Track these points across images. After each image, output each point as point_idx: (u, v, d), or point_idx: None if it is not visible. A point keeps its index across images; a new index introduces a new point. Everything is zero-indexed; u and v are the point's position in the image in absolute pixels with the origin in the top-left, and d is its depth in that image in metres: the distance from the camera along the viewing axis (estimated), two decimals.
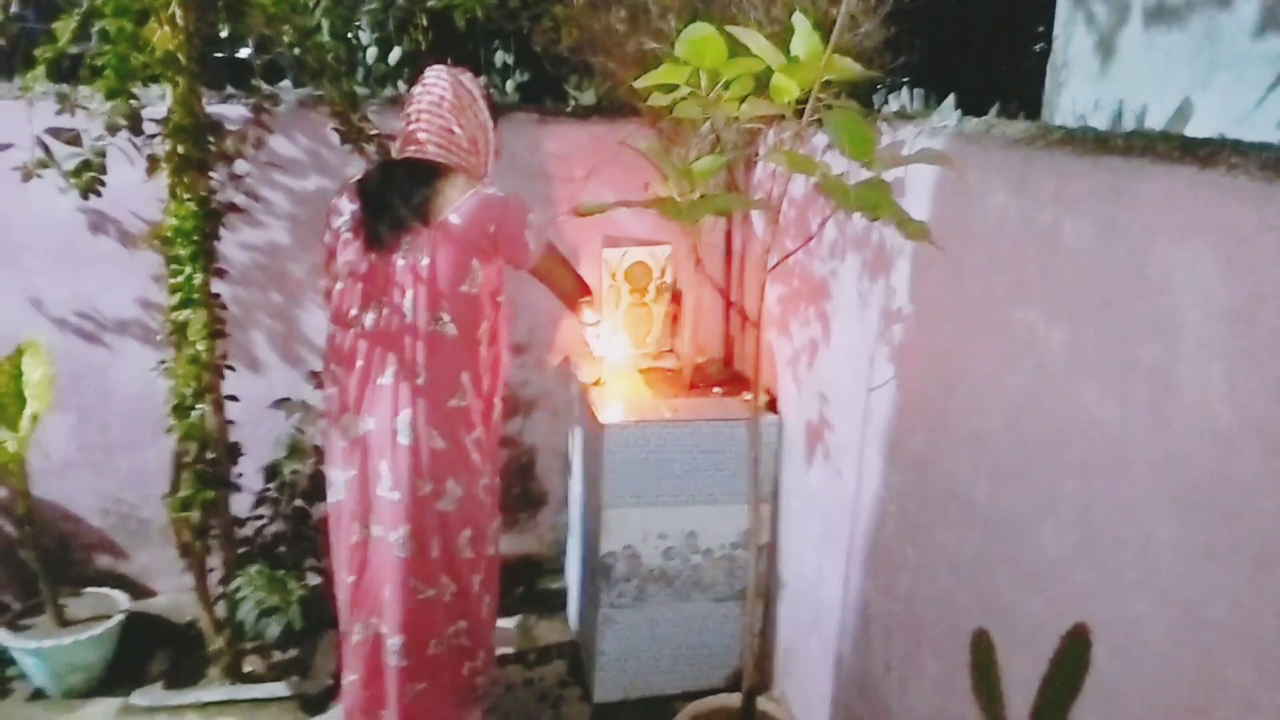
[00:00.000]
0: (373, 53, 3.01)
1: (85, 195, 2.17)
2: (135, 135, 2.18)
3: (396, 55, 2.99)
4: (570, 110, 2.87)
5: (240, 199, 2.50)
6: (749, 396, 2.59)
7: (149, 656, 2.70)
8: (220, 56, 3.05)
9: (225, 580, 2.50)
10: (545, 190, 2.84)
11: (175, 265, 2.24)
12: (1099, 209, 1.30)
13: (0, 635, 2.50)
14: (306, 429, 2.69)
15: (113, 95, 2.06)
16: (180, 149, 2.18)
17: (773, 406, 2.58)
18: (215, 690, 2.54)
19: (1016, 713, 1.35)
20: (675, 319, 2.98)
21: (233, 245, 2.66)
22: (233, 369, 2.43)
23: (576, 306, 2.33)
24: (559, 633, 2.95)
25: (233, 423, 2.44)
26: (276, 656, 2.68)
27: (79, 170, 2.15)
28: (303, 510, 2.68)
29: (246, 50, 2.90)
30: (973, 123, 1.66)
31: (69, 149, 2.16)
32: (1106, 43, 2.39)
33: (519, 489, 3.14)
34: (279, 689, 2.56)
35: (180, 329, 2.26)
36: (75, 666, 2.54)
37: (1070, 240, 1.35)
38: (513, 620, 2.97)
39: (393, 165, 2.08)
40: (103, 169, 2.17)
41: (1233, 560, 1.10)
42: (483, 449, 2.12)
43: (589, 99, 2.89)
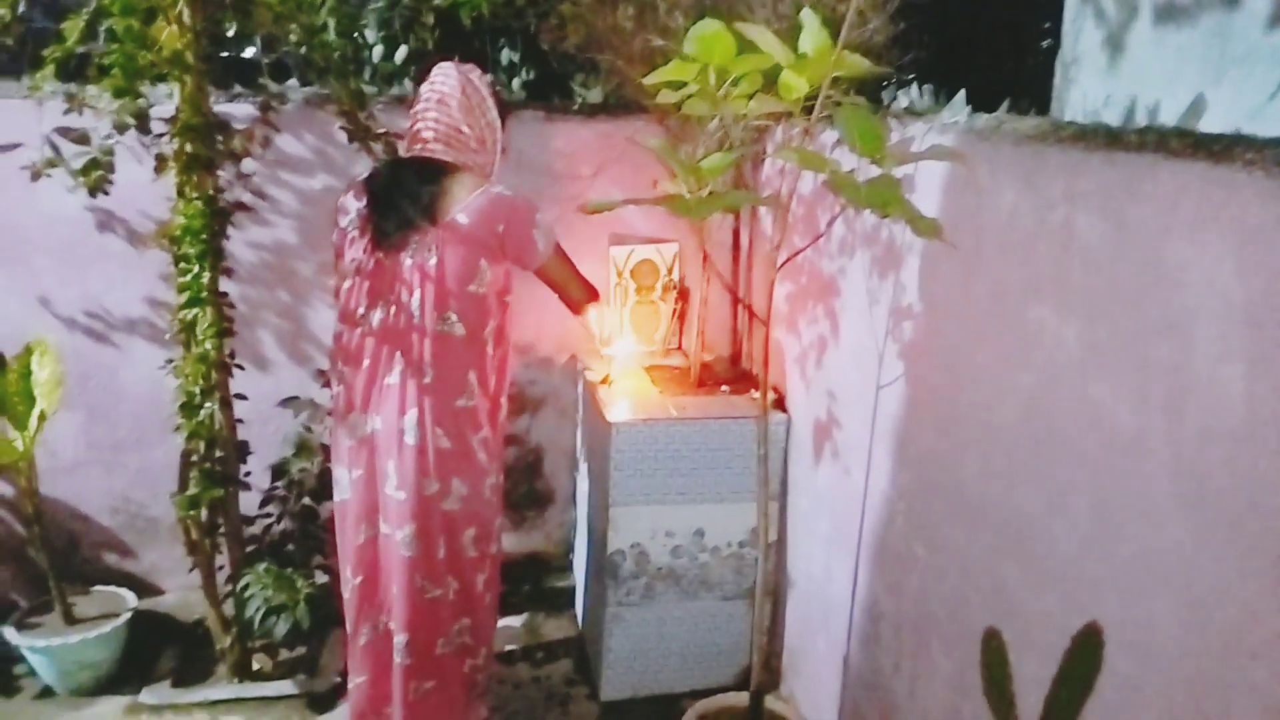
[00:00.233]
0: (379, 51, 3.01)
1: (93, 194, 2.17)
2: (143, 134, 2.19)
3: (403, 54, 2.99)
4: (577, 108, 2.86)
5: (248, 198, 2.51)
6: (757, 394, 2.58)
7: (157, 655, 2.70)
8: (227, 56, 3.05)
9: (233, 578, 2.50)
10: (552, 188, 2.83)
11: (183, 264, 2.24)
12: (1112, 205, 1.29)
13: (9, 633, 2.51)
14: (314, 427, 2.69)
15: (120, 94, 2.06)
16: (188, 148, 2.18)
17: (780, 404, 2.57)
18: (223, 688, 2.55)
19: (1028, 712, 1.35)
20: (682, 317, 2.98)
21: (240, 244, 2.67)
22: (241, 367, 2.44)
23: (581, 310, 2.29)
24: (566, 631, 2.94)
25: (241, 421, 2.45)
26: (284, 654, 2.68)
27: (87, 169, 2.15)
28: (310, 509, 2.68)
29: (253, 50, 2.90)
30: (983, 119, 1.65)
31: (77, 148, 2.16)
32: (1116, 38, 2.38)
33: (526, 487, 3.14)
34: (286, 687, 2.56)
35: (188, 328, 2.26)
36: (83, 665, 2.54)
37: (1082, 237, 1.34)
38: (520, 618, 2.97)
39: (400, 164, 2.08)
40: (111, 168, 2.18)
41: (1248, 560, 1.09)
42: (489, 448, 2.12)
43: (596, 97, 2.89)
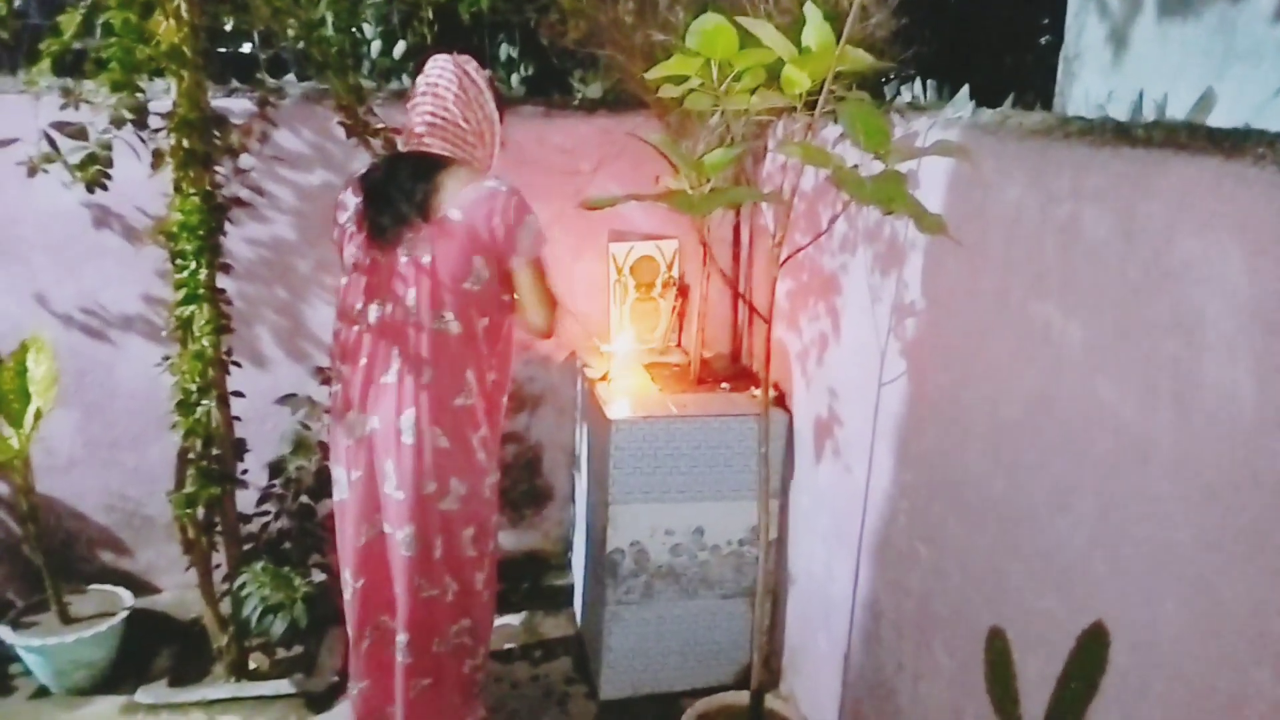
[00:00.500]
0: (377, 46, 3.00)
1: (91, 189, 2.15)
2: (140, 129, 2.17)
3: (401, 49, 2.98)
4: (577, 103, 2.84)
5: (245, 193, 2.49)
6: (757, 392, 2.57)
7: (153, 654, 2.69)
8: (224, 51, 3.03)
9: (230, 577, 2.48)
10: (552, 184, 2.81)
11: (180, 260, 2.22)
12: (1119, 201, 1.27)
13: (4, 633, 2.50)
14: (312, 425, 2.68)
15: (118, 88, 2.04)
16: (185, 143, 2.17)
17: (781, 402, 2.56)
18: (220, 688, 2.54)
19: (1032, 712, 1.34)
20: (682, 314, 2.97)
21: (238, 240, 2.65)
22: (238, 364, 2.42)
23: (534, 331, 2.09)
24: (565, 629, 2.93)
25: (238, 419, 2.43)
26: (281, 653, 2.67)
27: (84, 164, 2.13)
28: (308, 507, 2.67)
29: (250, 45, 2.89)
30: (988, 114, 1.64)
31: (74, 143, 2.14)
32: (1119, 33, 2.37)
33: (525, 485, 3.13)
34: (284, 686, 2.55)
35: (185, 324, 2.25)
36: (79, 664, 2.53)
37: (1089, 233, 1.33)
38: (518, 616, 2.96)
39: (395, 160, 2.05)
40: (108, 162, 2.16)
41: (1257, 559, 1.08)
42: (488, 447, 2.10)
43: (595, 92, 2.87)
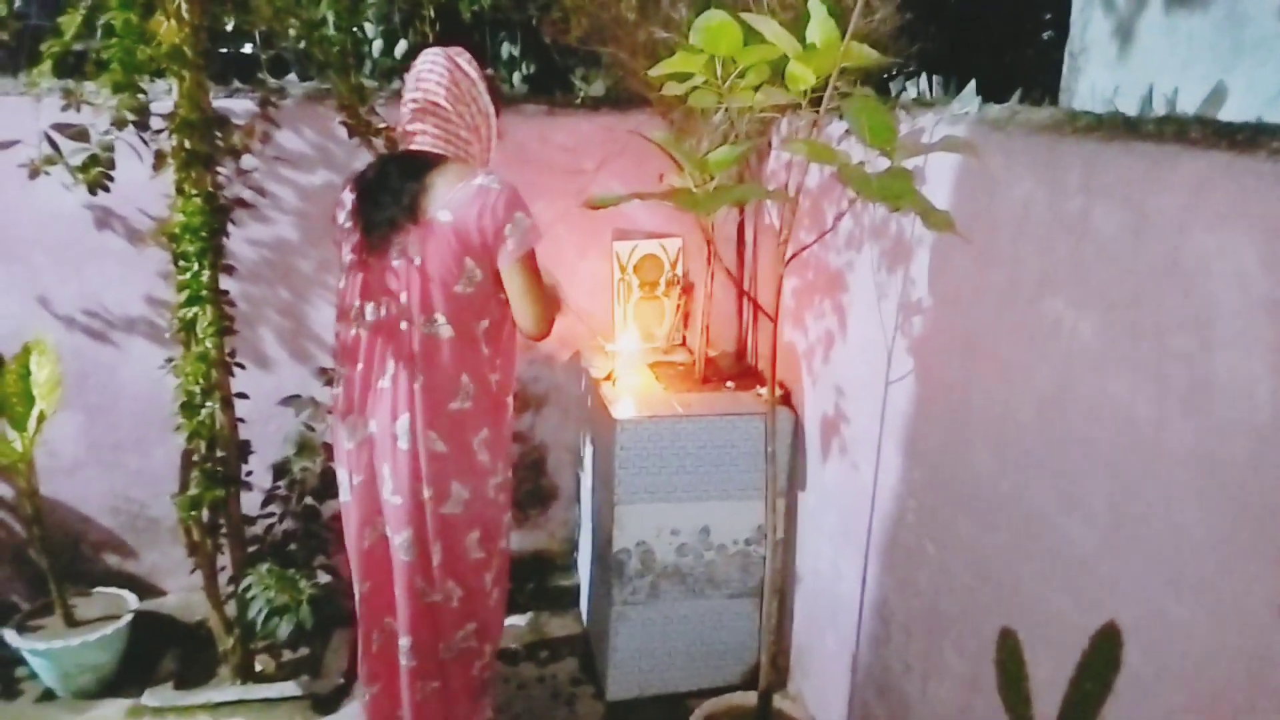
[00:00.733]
0: (378, 46, 2.98)
1: (93, 191, 2.15)
2: (142, 130, 2.16)
3: (403, 48, 2.96)
4: (579, 101, 2.83)
5: (248, 194, 2.48)
6: (762, 391, 2.56)
7: (159, 656, 2.68)
8: (226, 52, 3.02)
9: (235, 579, 2.48)
10: (555, 183, 2.80)
11: (183, 262, 2.21)
12: (1130, 196, 1.26)
13: (9, 636, 2.49)
14: (316, 426, 2.67)
15: (119, 89, 2.03)
16: (187, 144, 2.16)
17: (787, 400, 2.54)
18: (226, 690, 2.53)
19: (1044, 713, 1.32)
20: (686, 312, 2.95)
21: (240, 241, 2.64)
22: (242, 366, 2.41)
23: (529, 333, 2.01)
24: (571, 629, 2.92)
25: (242, 420, 2.42)
26: (287, 656, 2.66)
27: (86, 166, 2.12)
28: (313, 508, 2.66)
29: (251, 46, 2.88)
30: (996, 109, 1.62)
31: (75, 145, 2.14)
32: (1125, 27, 2.35)
33: (530, 485, 3.12)
34: (290, 688, 2.54)
35: (188, 326, 2.24)
36: (85, 667, 2.52)
37: (1100, 229, 1.31)
38: (524, 617, 2.95)
39: (389, 160, 2.01)
40: (110, 164, 2.15)
41: (1272, 559, 1.07)
42: (493, 448, 2.07)
43: (598, 90, 2.86)
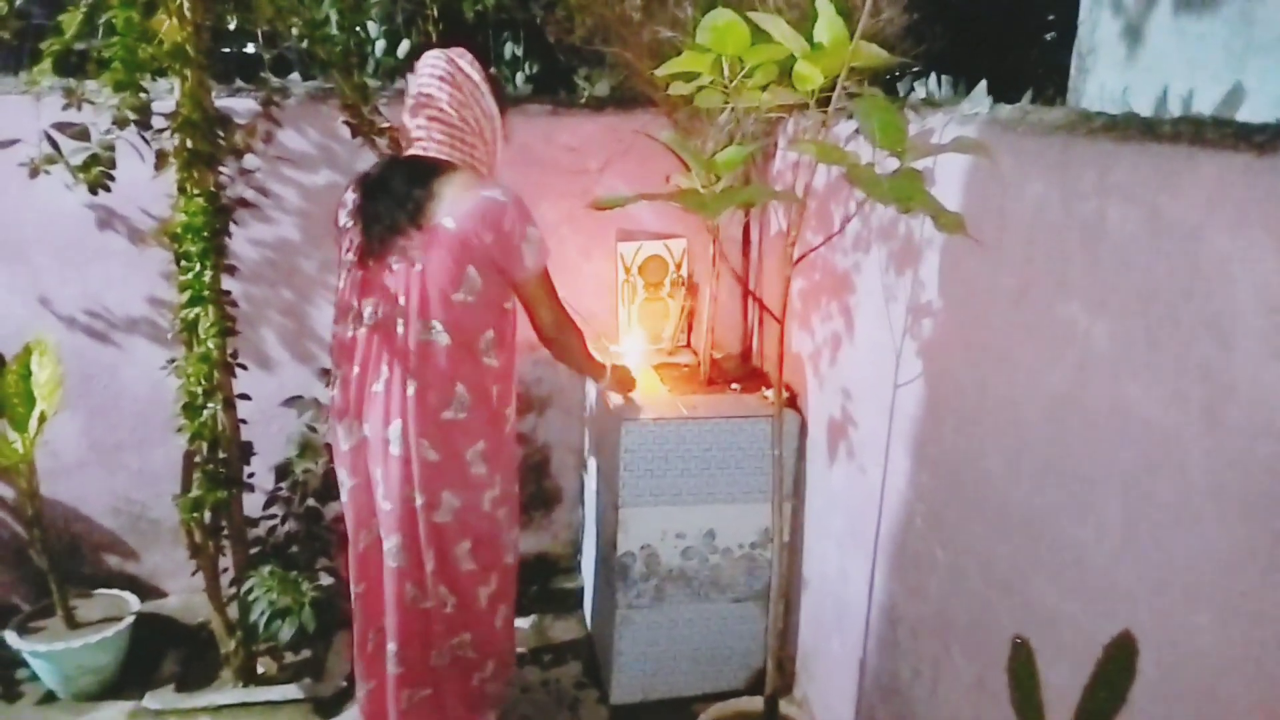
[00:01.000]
0: (381, 45, 2.97)
1: (94, 190, 2.13)
2: (143, 130, 2.14)
3: (405, 48, 2.95)
4: (584, 101, 2.81)
5: (250, 194, 2.46)
6: (768, 393, 2.54)
7: (160, 659, 2.67)
8: (228, 51, 3.01)
9: (237, 581, 2.46)
10: (559, 183, 2.79)
11: (185, 262, 2.20)
12: (1145, 198, 1.24)
13: (10, 638, 2.48)
14: (318, 427, 2.65)
15: (121, 88, 2.01)
16: (189, 144, 2.14)
17: (793, 403, 2.53)
18: (228, 693, 2.52)
19: None
20: (691, 313, 2.94)
21: (243, 241, 2.63)
22: (244, 367, 2.40)
23: (550, 339, 2.07)
24: (574, 633, 2.91)
25: (244, 421, 2.41)
26: (289, 658, 2.65)
27: (87, 165, 2.11)
28: (315, 510, 2.65)
29: (254, 46, 2.86)
30: (1007, 110, 1.60)
31: (76, 144, 2.12)
32: (1134, 28, 2.33)
33: (534, 487, 3.10)
34: (292, 691, 2.53)
35: (190, 327, 2.23)
36: (86, 669, 2.51)
37: (1115, 231, 1.29)
38: (527, 620, 2.93)
39: (392, 164, 1.99)
40: (111, 163, 2.13)
41: None
42: (490, 460, 2.03)
43: (603, 90, 2.84)
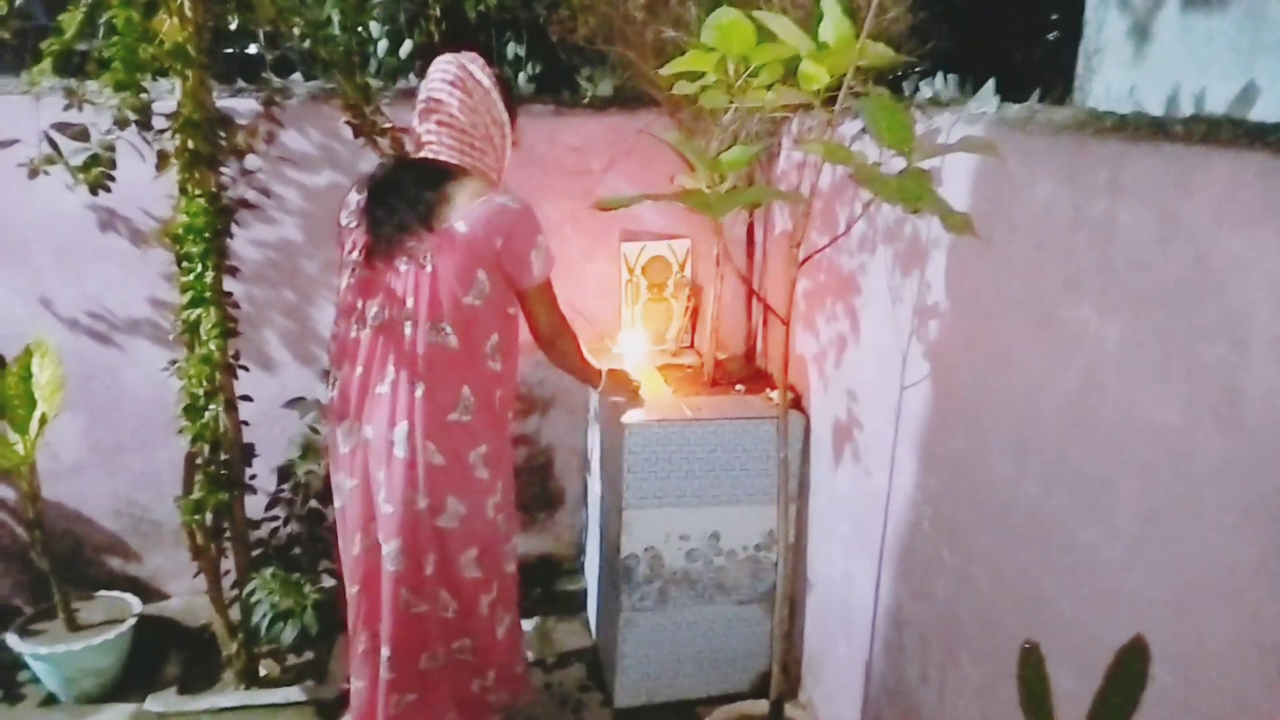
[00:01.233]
0: (383, 46, 2.95)
1: (94, 191, 2.12)
2: (144, 130, 2.13)
3: (408, 48, 2.93)
4: (587, 101, 2.80)
5: (252, 195, 2.45)
6: (772, 394, 2.52)
7: (162, 661, 2.66)
8: (230, 52, 3.00)
9: (239, 583, 2.45)
10: (562, 183, 2.78)
11: (186, 263, 2.19)
12: (1157, 198, 1.22)
13: (12, 640, 2.47)
14: (320, 429, 2.64)
15: (121, 88, 2.00)
16: (190, 144, 2.13)
17: (797, 404, 2.51)
18: (230, 695, 2.51)
19: None
20: (695, 314, 2.92)
21: (244, 242, 2.62)
22: (245, 368, 2.39)
23: (549, 344, 2.08)
24: (578, 635, 2.89)
25: (246, 423, 2.40)
26: (291, 661, 2.64)
27: (87, 165, 2.10)
28: (317, 512, 2.64)
29: (256, 47, 2.85)
30: (1014, 109, 1.59)
31: (76, 144, 2.11)
32: (1142, 27, 2.31)
33: (537, 488, 3.09)
34: (294, 694, 2.52)
35: (192, 328, 2.22)
36: (87, 671, 2.50)
37: (1126, 232, 1.28)
38: (530, 622, 2.92)
39: (403, 166, 1.99)
40: (112, 164, 2.13)
41: None
42: (492, 465, 2.02)
43: (606, 89, 2.83)
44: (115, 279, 2.66)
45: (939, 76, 2.01)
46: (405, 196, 1.90)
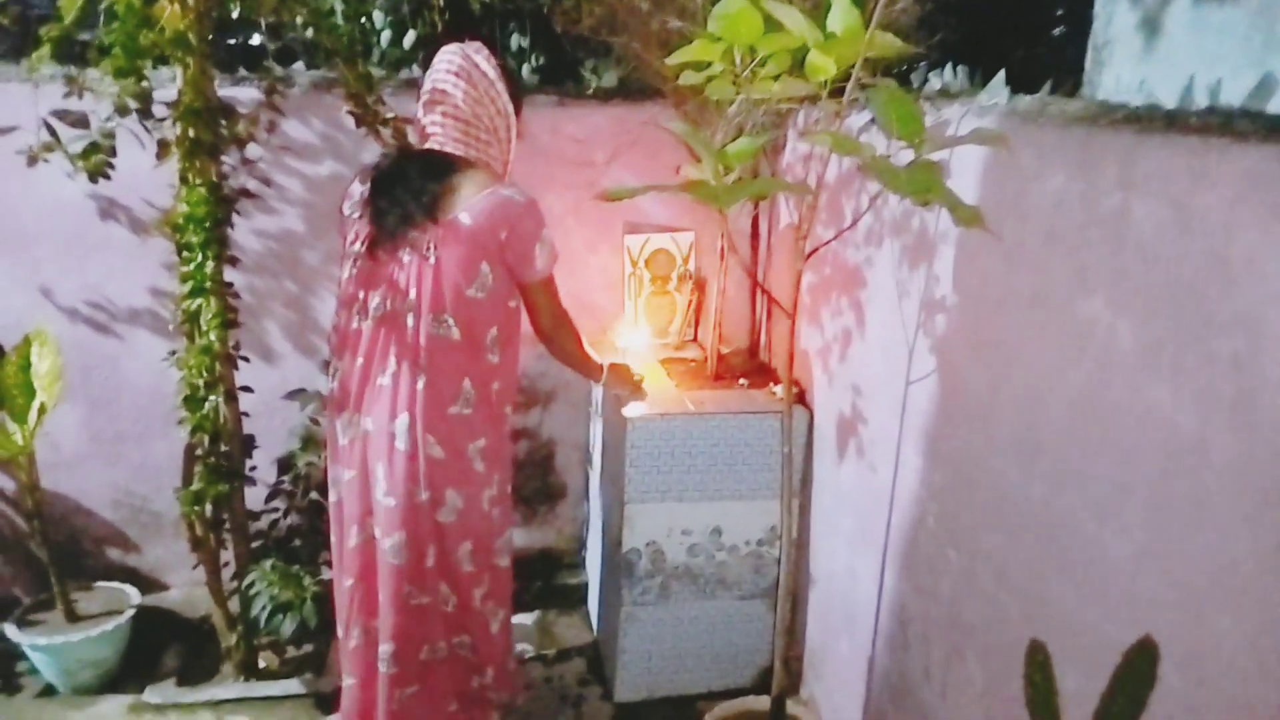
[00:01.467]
0: (386, 36, 2.93)
1: (94, 179, 2.11)
2: (145, 118, 2.12)
3: (411, 39, 2.91)
4: (591, 92, 2.78)
5: (253, 184, 2.44)
6: (776, 388, 2.51)
7: (161, 652, 2.66)
8: (233, 42, 2.98)
9: (239, 575, 2.44)
10: (566, 175, 2.76)
11: (187, 253, 2.17)
12: (1171, 192, 1.20)
13: (10, 631, 2.46)
14: (321, 420, 2.63)
15: (121, 74, 1.99)
16: (191, 133, 2.11)
17: (801, 399, 2.49)
18: (229, 687, 2.50)
19: None
20: (699, 308, 2.90)
21: (245, 232, 2.60)
22: (246, 359, 2.37)
23: (548, 337, 2.08)
24: (578, 629, 2.88)
25: (246, 414, 2.39)
26: (291, 652, 2.63)
27: (87, 153, 2.08)
28: (317, 504, 2.62)
29: (259, 36, 2.83)
30: (1025, 101, 1.57)
31: (76, 132, 2.09)
32: (1152, 20, 2.29)
33: (538, 482, 3.08)
34: (293, 686, 2.52)
35: (192, 318, 2.20)
36: (86, 663, 2.49)
37: (1139, 226, 1.26)
38: (531, 616, 2.91)
39: (407, 157, 1.97)
40: (111, 151, 2.11)
41: None
42: (490, 458, 2.01)
43: (611, 80, 2.81)
44: (115, 268, 2.65)
45: (948, 68, 1.99)
46: (410, 187, 1.88)
